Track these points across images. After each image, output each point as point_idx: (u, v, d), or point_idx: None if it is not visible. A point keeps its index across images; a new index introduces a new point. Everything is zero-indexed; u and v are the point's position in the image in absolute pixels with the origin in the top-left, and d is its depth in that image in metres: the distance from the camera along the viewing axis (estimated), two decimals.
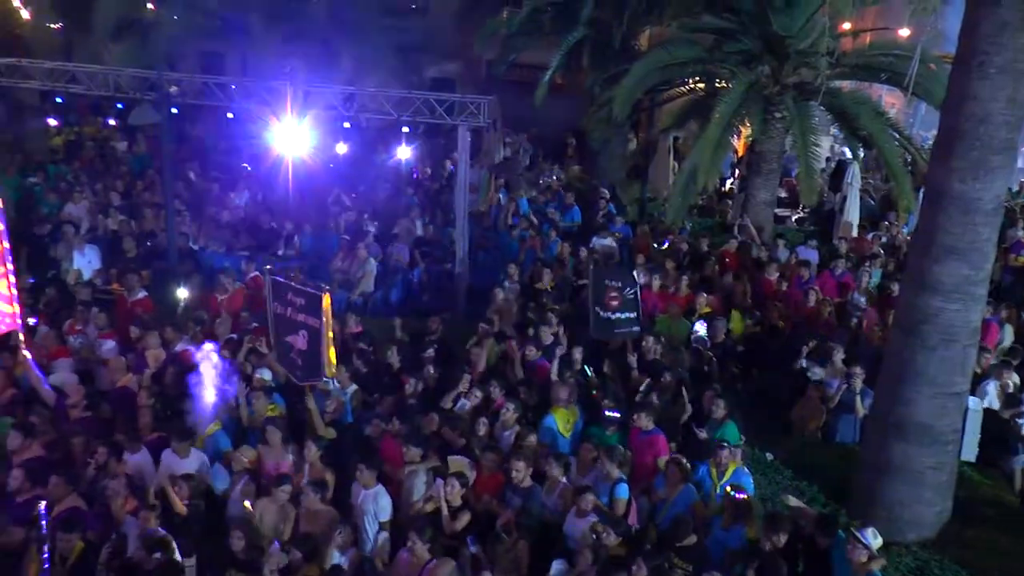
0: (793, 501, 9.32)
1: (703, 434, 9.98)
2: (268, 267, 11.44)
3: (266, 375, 10.56)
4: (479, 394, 10.41)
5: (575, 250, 16.15)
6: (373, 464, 8.74)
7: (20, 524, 8.12)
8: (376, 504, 8.62)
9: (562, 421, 10.17)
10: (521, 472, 8.76)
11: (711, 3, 17.54)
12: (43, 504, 7.31)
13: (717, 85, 17.68)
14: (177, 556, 7.69)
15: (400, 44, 19.07)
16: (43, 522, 7.02)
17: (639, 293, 11.95)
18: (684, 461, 8.99)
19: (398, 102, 15.14)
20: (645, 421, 9.66)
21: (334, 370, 9.57)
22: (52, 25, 20.89)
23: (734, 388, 12.08)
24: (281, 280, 9.85)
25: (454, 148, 17.01)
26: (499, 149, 21.87)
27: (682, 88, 18.99)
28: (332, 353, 9.32)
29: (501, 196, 19.66)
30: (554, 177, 22.98)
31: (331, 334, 9.33)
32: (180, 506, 8.50)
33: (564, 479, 8.91)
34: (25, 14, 20.02)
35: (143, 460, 9.41)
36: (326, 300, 9.18)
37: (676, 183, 17.54)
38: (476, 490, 8.91)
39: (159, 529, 8.01)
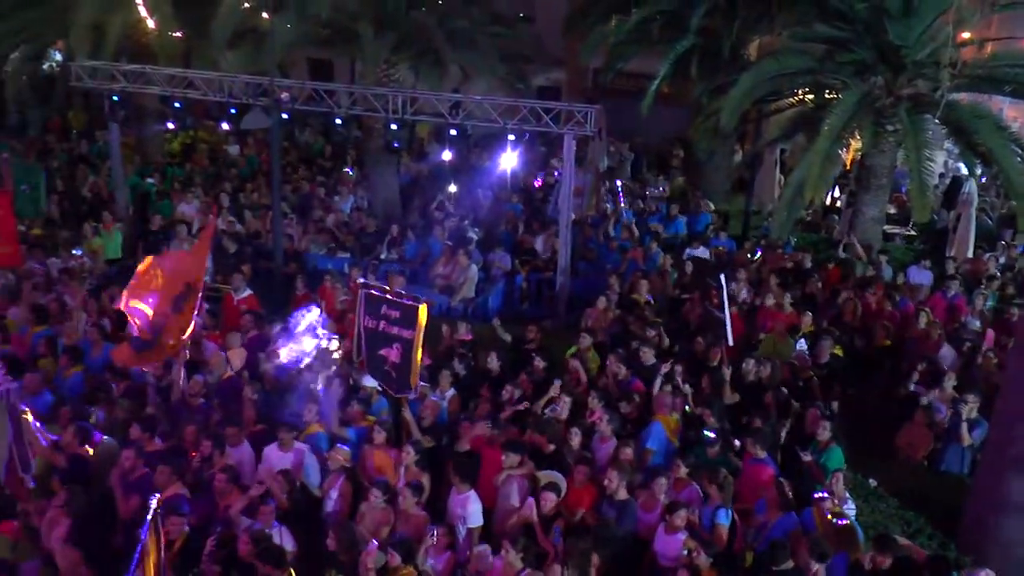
0: (902, 540, 8.86)
1: (807, 457, 9.69)
2: (362, 280, 11.52)
3: (370, 381, 10.64)
4: (567, 399, 10.35)
5: (678, 262, 15.96)
6: (468, 470, 8.76)
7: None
8: (467, 510, 8.66)
9: (668, 428, 10.11)
10: (615, 483, 8.66)
11: (824, 12, 17.14)
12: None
13: (827, 96, 17.23)
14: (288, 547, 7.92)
15: (507, 52, 19.11)
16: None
17: (726, 302, 11.67)
18: (787, 487, 8.76)
19: (505, 110, 15.21)
20: (757, 449, 9.42)
21: (416, 381, 9.55)
22: (174, 34, 21.60)
23: (831, 408, 11.71)
24: (376, 294, 9.83)
25: (554, 156, 17.08)
26: (604, 158, 21.78)
27: (791, 99, 18.57)
28: (417, 365, 9.32)
29: (609, 205, 19.56)
30: (660, 188, 22.74)
31: (420, 349, 9.31)
32: (283, 500, 8.67)
33: (663, 496, 8.77)
34: (151, 23, 20.78)
35: (245, 453, 9.68)
36: (422, 312, 9.19)
37: (782, 197, 17.18)
38: (569, 503, 8.83)
39: (274, 523, 8.25)
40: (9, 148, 21.98)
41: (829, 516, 8.30)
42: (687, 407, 10.66)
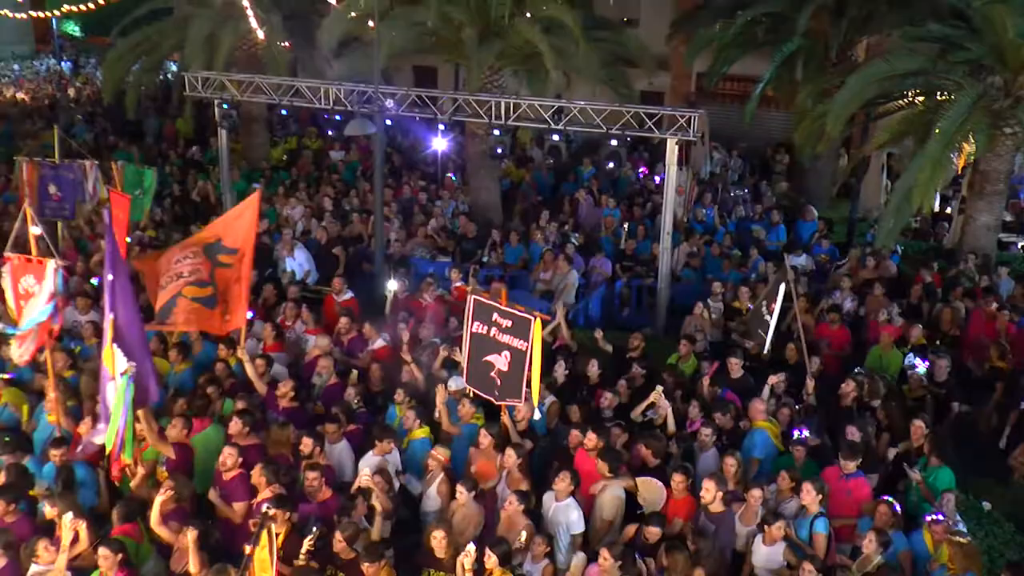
0: None
1: (916, 475, 9.39)
2: (471, 288, 11.57)
3: (459, 383, 10.68)
4: (666, 404, 10.25)
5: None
6: (568, 477, 8.73)
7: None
8: (568, 517, 8.63)
9: (772, 434, 9.98)
10: (711, 493, 8.54)
11: (937, 10, 16.58)
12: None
13: (939, 98, 16.64)
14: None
15: (610, 56, 19.01)
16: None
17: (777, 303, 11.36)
18: (896, 506, 8.49)
19: (607, 115, 15.16)
20: (848, 463, 9.13)
21: (537, 396, 9.46)
22: (282, 44, 22.22)
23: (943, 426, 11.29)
24: (485, 300, 9.80)
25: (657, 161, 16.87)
26: (706, 163, 21.56)
27: (900, 102, 18.01)
28: (537, 377, 9.25)
29: (707, 212, 19.33)
30: (763, 194, 22.33)
31: (538, 361, 9.23)
32: (384, 499, 8.79)
33: (761, 507, 8.62)
34: (260, 35, 21.39)
35: (344, 451, 9.87)
36: (537, 325, 9.15)
37: (888, 203, 16.68)
38: (667, 512, 8.75)
39: (363, 520, 8.39)
40: (124, 155, 22.90)
41: (950, 536, 7.98)
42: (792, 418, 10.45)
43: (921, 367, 11.93)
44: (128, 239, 14.36)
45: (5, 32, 52.12)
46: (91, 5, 25.80)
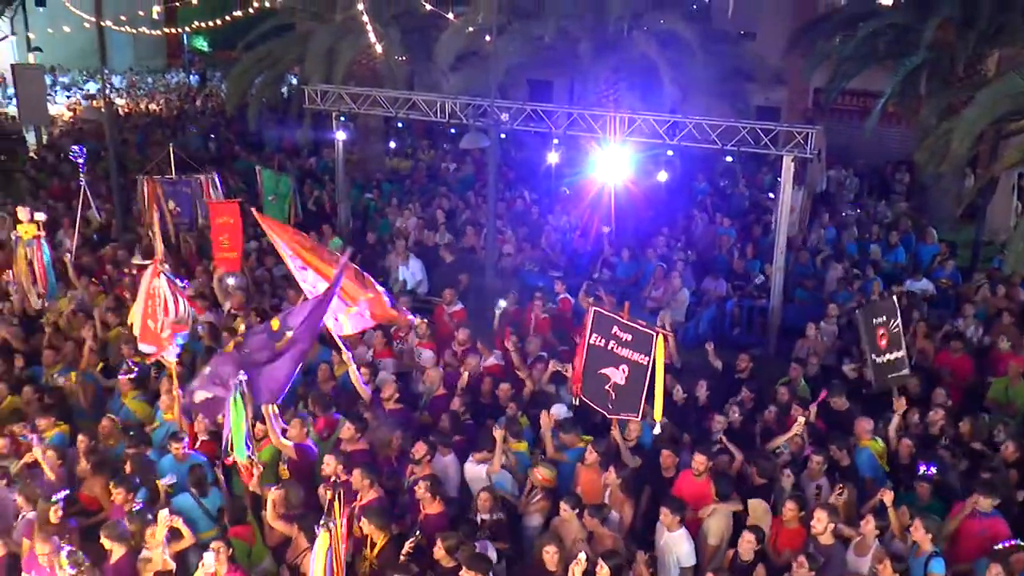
0: None
1: None
2: (591, 299, 11.53)
3: (562, 410, 10.63)
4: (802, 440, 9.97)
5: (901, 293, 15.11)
6: (676, 506, 8.55)
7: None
8: (680, 549, 8.45)
9: (876, 453, 9.66)
10: (823, 523, 8.18)
11: None
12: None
13: None
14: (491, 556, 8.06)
15: (726, 71, 18.75)
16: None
17: (902, 327, 10.73)
18: None
19: (722, 131, 14.95)
20: (985, 502, 8.55)
21: (660, 414, 9.36)
22: (399, 58, 22.65)
23: None
24: (607, 313, 9.74)
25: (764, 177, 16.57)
26: (822, 181, 21.02)
27: None
28: (660, 393, 9.17)
29: (823, 232, 18.84)
30: (882, 214, 21.64)
31: (661, 377, 9.13)
32: (487, 512, 8.81)
33: (877, 541, 8.27)
34: (378, 49, 21.85)
35: (450, 463, 9.87)
36: (660, 340, 9.04)
37: (1019, 226, 15.94)
38: (776, 544, 8.50)
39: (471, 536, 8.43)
40: (244, 164, 23.66)
41: None
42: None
43: None
44: None
45: (141, 48, 55.02)
46: (219, 21, 26.86)
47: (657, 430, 9.54)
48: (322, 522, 7.13)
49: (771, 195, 21.03)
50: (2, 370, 12.12)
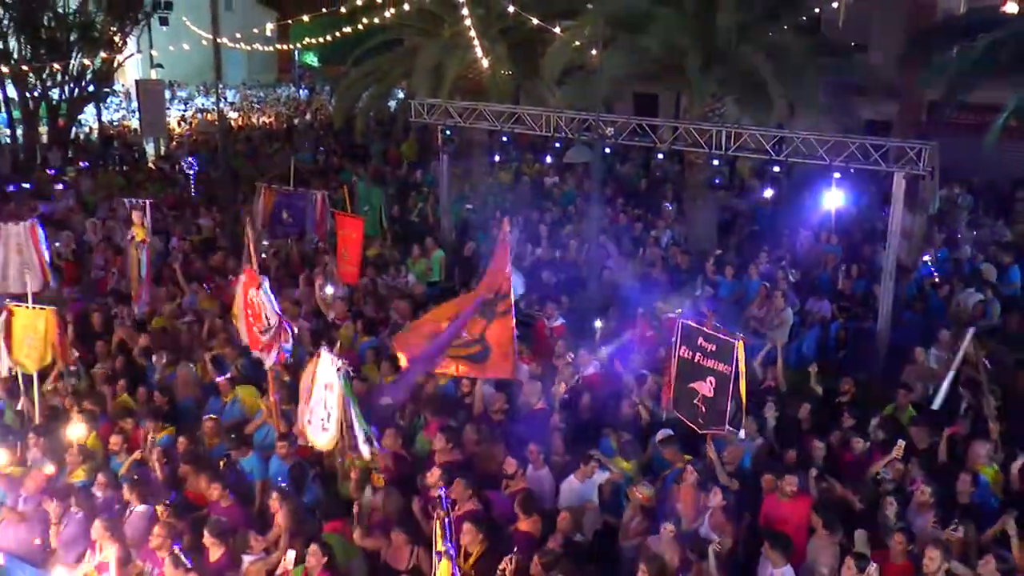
0: None
1: None
2: (679, 310, 11.43)
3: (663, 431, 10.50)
4: (901, 466, 9.60)
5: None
6: (783, 543, 8.24)
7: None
8: None
9: (990, 479, 9.28)
10: (935, 563, 7.75)
11: None
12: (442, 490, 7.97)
13: None
14: None
15: (836, 84, 18.24)
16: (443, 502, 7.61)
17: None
18: None
19: (831, 146, 14.57)
20: None
21: (744, 423, 9.24)
22: (506, 72, 22.79)
23: None
24: (692, 324, 9.66)
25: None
26: (935, 199, 20.27)
27: None
28: (742, 401, 9.02)
29: (940, 253, 18.20)
30: (1006, 234, 20.72)
31: (742, 385, 9.00)
32: (580, 531, 8.74)
33: None
34: (484, 63, 22.04)
35: (545, 477, 9.86)
36: (740, 347, 8.92)
37: None
38: None
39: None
40: (355, 174, 24.12)
41: None
42: None
43: None
44: None
45: (254, 63, 57.04)
46: (329, 38, 27.59)
47: (741, 434, 9.37)
48: (440, 549, 7.21)
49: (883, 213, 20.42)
50: (121, 368, 12.74)
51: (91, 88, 32.01)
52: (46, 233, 14.72)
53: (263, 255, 17.12)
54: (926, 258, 17.68)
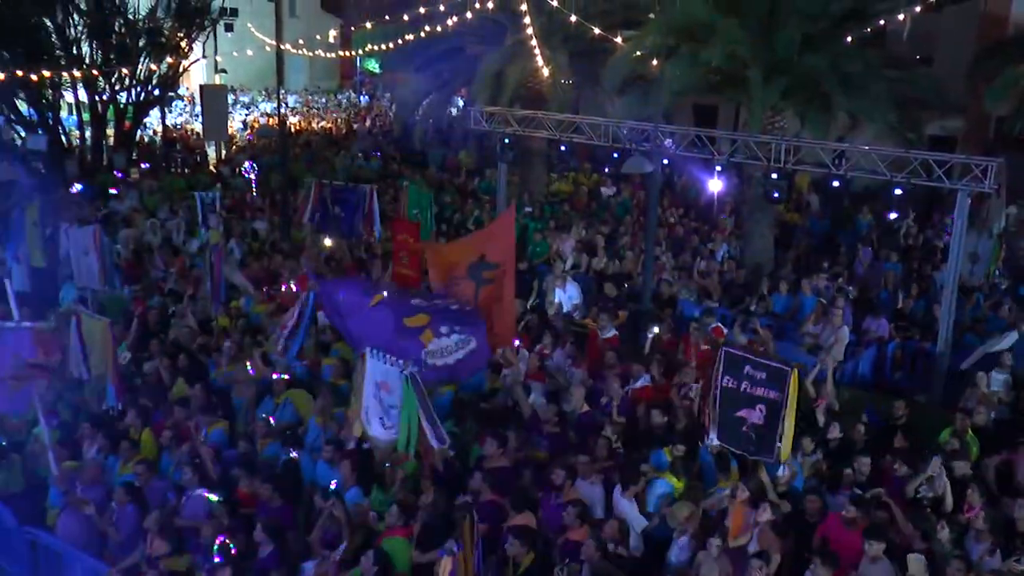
0: None
1: None
2: (722, 339, 11.29)
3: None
4: (946, 481, 9.44)
5: None
6: (832, 561, 8.13)
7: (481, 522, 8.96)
8: None
9: None
10: None
11: None
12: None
13: None
14: None
15: (900, 98, 17.88)
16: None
17: None
18: None
19: (892, 161, 14.33)
20: None
21: (787, 452, 9.12)
22: (566, 81, 22.81)
23: None
24: (737, 352, 9.51)
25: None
26: (1000, 218, 19.83)
27: None
28: (790, 432, 8.91)
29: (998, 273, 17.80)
30: None
31: (792, 414, 8.89)
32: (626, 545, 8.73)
33: None
34: (545, 72, 22.09)
35: (594, 489, 9.78)
36: (795, 376, 8.80)
37: None
38: None
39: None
40: (407, 178, 24.31)
41: None
42: None
43: None
44: None
45: (316, 69, 57.75)
46: (391, 44, 27.91)
47: (782, 471, 9.22)
48: (447, 547, 7.15)
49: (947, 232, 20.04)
50: (184, 365, 13.03)
51: (157, 92, 32.64)
52: (106, 232, 15.07)
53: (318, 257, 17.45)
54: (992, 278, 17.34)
